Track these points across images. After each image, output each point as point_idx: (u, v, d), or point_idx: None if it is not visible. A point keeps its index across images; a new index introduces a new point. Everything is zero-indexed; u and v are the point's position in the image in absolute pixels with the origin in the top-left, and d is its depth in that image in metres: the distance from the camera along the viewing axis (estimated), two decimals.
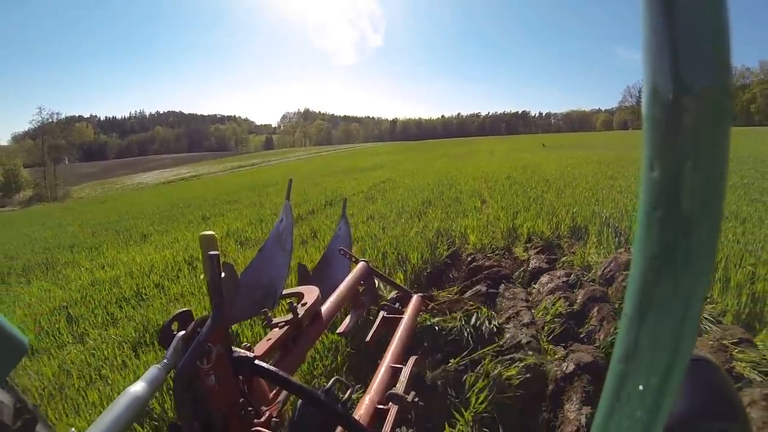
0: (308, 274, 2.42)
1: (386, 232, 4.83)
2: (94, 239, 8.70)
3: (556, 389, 1.92)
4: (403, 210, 6.22)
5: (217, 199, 13.03)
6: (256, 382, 1.30)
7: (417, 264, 3.58)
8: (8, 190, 53.76)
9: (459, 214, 5.62)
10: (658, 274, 0.24)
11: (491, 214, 5.42)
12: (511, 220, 4.84)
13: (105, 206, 19.56)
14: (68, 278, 5.62)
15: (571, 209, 5.11)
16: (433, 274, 3.62)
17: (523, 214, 5.09)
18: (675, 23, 0.22)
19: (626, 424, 0.27)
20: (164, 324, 1.15)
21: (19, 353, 1.02)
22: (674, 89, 0.22)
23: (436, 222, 5.03)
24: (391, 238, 4.36)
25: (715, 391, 0.70)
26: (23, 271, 6.66)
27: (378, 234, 4.75)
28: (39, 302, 4.62)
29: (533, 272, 3.43)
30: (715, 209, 0.24)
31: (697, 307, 0.25)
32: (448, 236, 4.46)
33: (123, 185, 54.16)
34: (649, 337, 0.25)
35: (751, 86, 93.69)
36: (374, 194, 8.92)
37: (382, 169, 17.43)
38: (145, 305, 3.90)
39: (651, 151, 0.24)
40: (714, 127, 0.23)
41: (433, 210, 6.03)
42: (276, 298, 1.86)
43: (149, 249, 6.68)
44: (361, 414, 1.42)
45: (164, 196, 20.55)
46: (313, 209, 7.94)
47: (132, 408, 0.94)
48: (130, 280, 4.76)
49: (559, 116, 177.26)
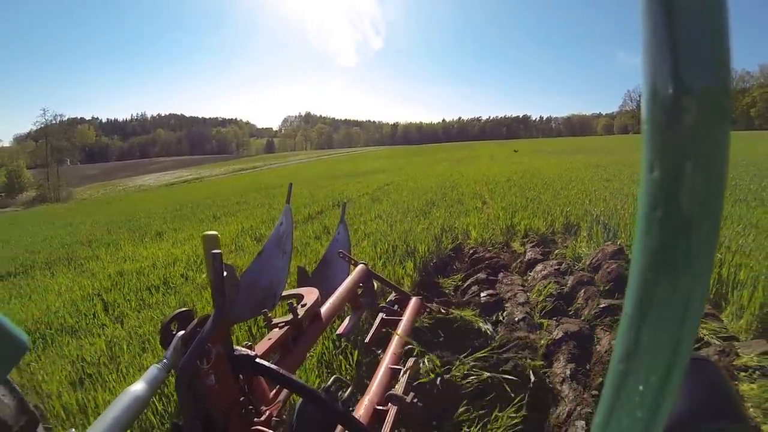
0: (308, 277, 2.46)
1: (394, 228, 5.20)
2: (110, 236, 9.08)
3: (546, 352, 2.27)
4: (408, 210, 6.59)
5: (225, 201, 13.40)
6: (257, 382, 1.32)
7: (425, 255, 3.94)
8: (11, 191, 54.13)
9: (461, 213, 5.99)
10: (658, 274, 0.24)
11: (491, 214, 5.79)
12: (509, 219, 5.21)
13: (111, 207, 20.04)
14: (92, 270, 5.98)
15: (565, 208, 5.48)
16: (438, 264, 3.98)
17: (521, 213, 5.46)
18: (674, 23, 0.22)
19: (626, 423, 0.27)
20: (164, 324, 1.17)
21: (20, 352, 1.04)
22: (674, 89, 0.22)
23: (440, 220, 5.40)
24: (399, 233, 4.73)
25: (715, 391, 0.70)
26: (46, 264, 7.04)
27: (387, 230, 5.11)
28: (68, 291, 4.97)
29: (529, 263, 3.79)
30: (715, 209, 0.23)
31: (697, 307, 0.25)
32: (452, 232, 4.83)
33: (125, 187, 54.28)
34: (649, 337, 0.25)
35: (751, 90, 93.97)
36: (380, 196, 9.30)
37: (384, 173, 17.83)
38: (174, 291, 4.26)
39: (651, 152, 0.24)
40: (714, 127, 0.23)
41: (437, 210, 6.40)
42: (276, 299, 1.89)
43: (166, 245, 7.04)
44: (360, 414, 1.43)
45: (170, 197, 20.94)
46: (322, 209, 8.30)
47: (132, 408, 0.95)
48: (155, 271, 5.12)
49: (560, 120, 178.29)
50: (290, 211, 2.14)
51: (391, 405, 1.53)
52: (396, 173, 16.60)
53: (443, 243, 4.35)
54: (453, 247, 4.34)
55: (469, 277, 3.57)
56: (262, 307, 1.71)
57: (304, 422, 1.30)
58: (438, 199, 7.66)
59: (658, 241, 0.24)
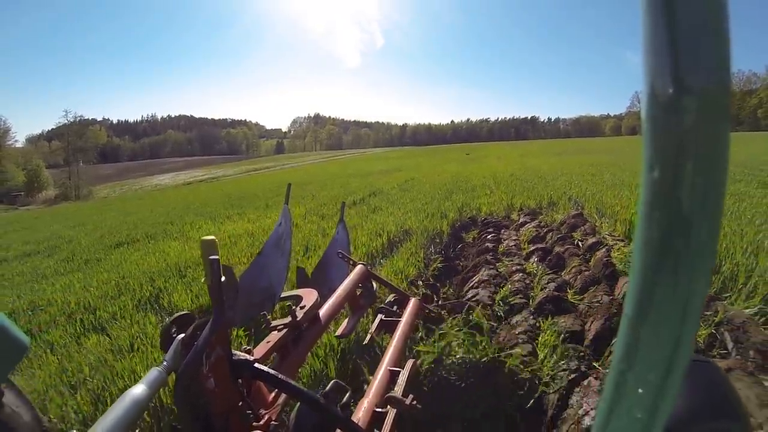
0: (307, 278, 2.47)
1: (427, 205, 7.20)
2: (184, 218, 10.68)
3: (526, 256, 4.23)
4: (434, 196, 8.59)
5: (264, 194, 14.80)
6: (256, 385, 1.33)
7: (453, 218, 5.92)
8: (31, 190, 55.40)
9: (475, 197, 7.98)
10: (658, 274, 0.25)
11: (497, 197, 7.76)
12: (510, 200, 7.19)
13: (144, 202, 21.17)
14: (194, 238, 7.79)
15: (550, 192, 7.45)
16: (461, 226, 5.94)
17: (518, 196, 7.44)
18: (675, 23, 0.22)
19: (626, 423, 0.27)
20: (164, 327, 1.21)
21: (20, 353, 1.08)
22: (674, 89, 0.22)
23: (460, 201, 7.40)
24: (432, 207, 6.72)
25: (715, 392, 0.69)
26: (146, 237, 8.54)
27: (421, 207, 7.11)
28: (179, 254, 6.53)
29: (521, 224, 5.74)
30: (715, 209, 0.24)
31: (697, 307, 0.25)
32: (469, 208, 6.80)
33: (141, 186, 55.21)
34: (649, 337, 0.25)
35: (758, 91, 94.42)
36: (407, 187, 11.32)
37: (401, 171, 19.41)
38: None
39: (651, 152, 0.24)
40: (714, 127, 0.23)
41: (456, 195, 8.40)
42: (275, 301, 1.89)
43: (243, 223, 8.80)
44: (359, 417, 1.43)
45: (200, 193, 22.29)
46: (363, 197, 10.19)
47: (133, 410, 0.97)
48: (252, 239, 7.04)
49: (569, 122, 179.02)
50: (288, 212, 2.13)
51: (390, 407, 1.52)
52: (414, 171, 18.46)
53: (463, 213, 6.33)
54: (470, 217, 6.32)
55: (481, 232, 5.52)
56: (261, 309, 1.72)
57: (302, 426, 1.28)
58: (455, 188, 9.65)
59: (658, 241, 0.24)
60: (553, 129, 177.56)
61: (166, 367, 1.12)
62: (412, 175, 15.84)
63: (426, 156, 39.25)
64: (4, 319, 1.06)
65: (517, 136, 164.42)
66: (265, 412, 1.30)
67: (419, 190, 10.23)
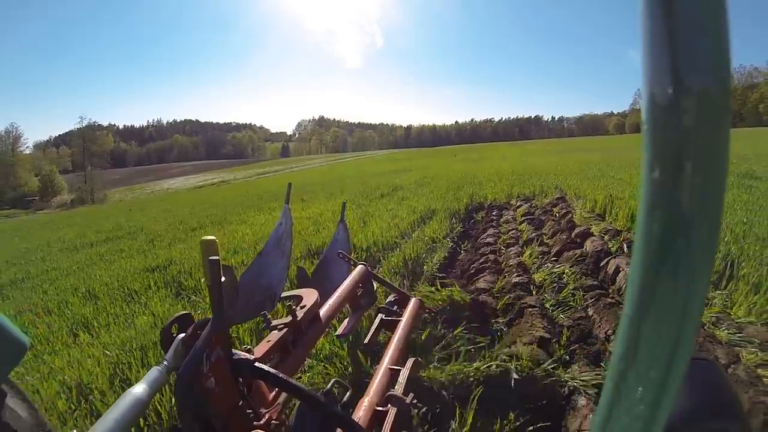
0: (307, 278, 2.46)
1: (445, 194, 9.06)
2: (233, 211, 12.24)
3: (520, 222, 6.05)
4: (449, 188, 10.43)
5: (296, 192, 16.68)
6: (256, 385, 1.35)
7: (466, 202, 7.77)
8: (45, 195, 56.91)
9: (482, 189, 9.81)
10: (658, 274, 0.25)
11: (499, 188, 9.58)
12: (510, 190, 9.02)
13: (164, 203, 22.03)
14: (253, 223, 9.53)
15: (542, 183, 9.28)
16: (473, 208, 7.77)
17: (516, 187, 9.28)
18: (674, 23, 0.22)
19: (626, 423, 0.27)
20: (164, 326, 1.21)
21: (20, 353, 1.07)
22: (674, 89, 0.22)
23: (470, 192, 9.24)
24: (450, 196, 8.58)
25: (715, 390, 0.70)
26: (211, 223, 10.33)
27: (440, 195, 8.98)
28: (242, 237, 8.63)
29: (517, 206, 7.55)
30: (715, 209, 0.24)
31: (697, 307, 0.25)
32: (477, 197, 8.64)
33: (152, 190, 56.70)
34: (649, 336, 0.25)
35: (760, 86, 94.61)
36: (423, 183, 13.15)
37: (411, 171, 20.68)
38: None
39: (651, 152, 0.24)
40: (714, 127, 0.23)
41: (467, 187, 10.24)
42: (275, 300, 1.92)
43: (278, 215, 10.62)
44: (360, 416, 1.44)
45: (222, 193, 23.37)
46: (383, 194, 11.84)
47: (133, 410, 0.98)
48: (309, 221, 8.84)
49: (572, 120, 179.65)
50: (289, 211, 2.17)
51: (390, 406, 1.53)
52: (423, 171, 19.92)
53: (474, 200, 8.19)
54: (478, 202, 8.16)
55: (488, 213, 7.34)
56: (261, 308, 1.74)
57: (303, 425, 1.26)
58: (465, 183, 11.47)
59: (658, 241, 0.24)
60: (557, 128, 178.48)
61: (167, 367, 1.12)
62: (425, 174, 17.60)
63: (432, 157, 40.42)
64: (4, 318, 1.06)
65: (521, 135, 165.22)
66: (265, 411, 1.32)
67: (435, 185, 12.03)
